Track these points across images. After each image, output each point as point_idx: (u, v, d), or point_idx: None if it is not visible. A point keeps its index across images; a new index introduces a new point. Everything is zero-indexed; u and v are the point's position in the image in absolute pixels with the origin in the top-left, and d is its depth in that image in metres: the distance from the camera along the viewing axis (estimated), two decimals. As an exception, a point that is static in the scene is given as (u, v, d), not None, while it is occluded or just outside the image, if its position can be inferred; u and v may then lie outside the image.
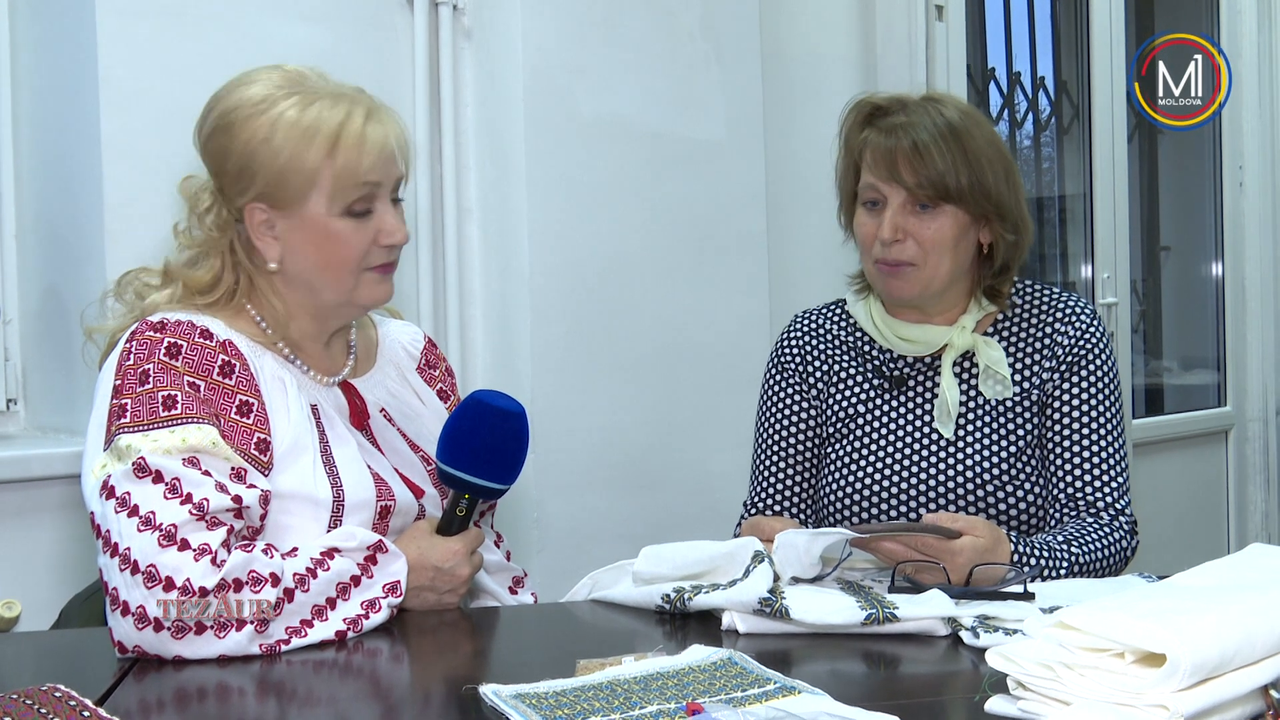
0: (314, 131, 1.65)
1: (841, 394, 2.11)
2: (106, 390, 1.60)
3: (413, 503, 1.74)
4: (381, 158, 1.68)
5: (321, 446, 1.67)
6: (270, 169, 1.66)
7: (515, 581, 1.95)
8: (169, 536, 1.48)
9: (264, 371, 1.68)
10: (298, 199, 1.67)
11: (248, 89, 1.69)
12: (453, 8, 2.77)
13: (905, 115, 2.01)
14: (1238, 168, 4.89)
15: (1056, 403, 2.04)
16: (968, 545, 1.76)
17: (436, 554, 1.68)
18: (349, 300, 1.74)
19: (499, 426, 1.69)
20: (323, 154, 1.65)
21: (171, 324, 1.63)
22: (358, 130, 1.66)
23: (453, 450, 1.69)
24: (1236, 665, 1.11)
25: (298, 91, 1.67)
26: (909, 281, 2.02)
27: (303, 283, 1.72)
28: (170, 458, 1.53)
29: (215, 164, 1.70)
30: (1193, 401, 4.98)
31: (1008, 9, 4.42)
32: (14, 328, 2.54)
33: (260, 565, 1.52)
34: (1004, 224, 2.02)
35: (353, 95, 1.70)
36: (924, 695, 1.38)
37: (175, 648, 1.47)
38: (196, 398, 1.58)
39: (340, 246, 1.69)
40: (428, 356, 1.94)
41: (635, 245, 2.88)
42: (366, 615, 1.59)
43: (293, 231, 1.69)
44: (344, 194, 1.67)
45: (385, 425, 1.80)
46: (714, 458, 2.95)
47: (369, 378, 1.83)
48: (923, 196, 1.98)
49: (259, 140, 1.66)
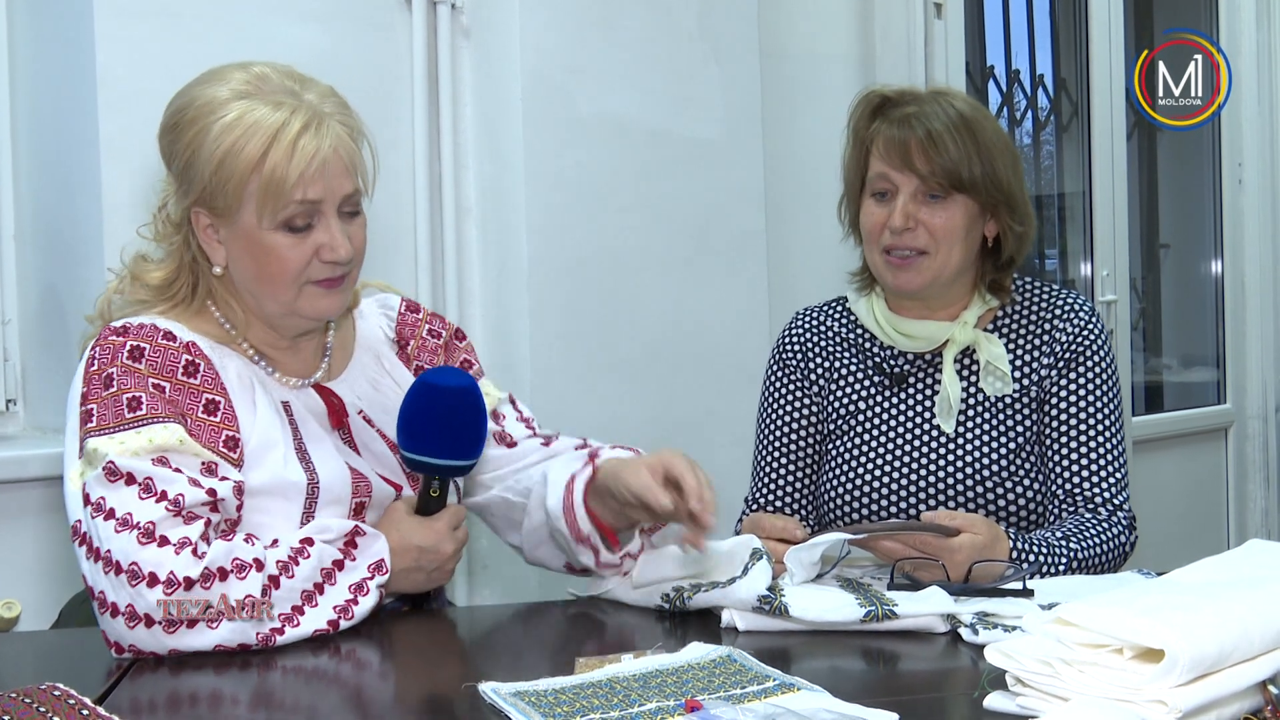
0: (245, 141, 1.58)
1: (842, 391, 2.12)
2: (76, 398, 1.60)
3: (389, 495, 1.72)
4: (316, 173, 1.60)
5: (296, 442, 1.66)
6: (204, 176, 1.61)
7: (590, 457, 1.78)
8: (147, 534, 1.48)
9: (229, 371, 1.66)
10: (231, 209, 1.61)
11: (204, 89, 1.63)
12: (451, 7, 2.77)
13: (917, 106, 2.02)
14: (1237, 165, 4.89)
15: (1054, 399, 2.04)
16: (966, 543, 1.76)
17: (418, 535, 1.67)
18: (291, 312, 1.68)
19: (452, 404, 1.66)
20: (249, 166, 1.59)
21: (134, 328, 1.62)
22: (288, 143, 1.58)
23: (411, 435, 1.67)
24: (1234, 661, 1.11)
25: (248, 95, 1.61)
26: (919, 272, 2.02)
27: (246, 290, 1.68)
28: (139, 459, 1.52)
29: (166, 161, 1.67)
30: (1192, 399, 4.97)
31: (1007, 7, 4.42)
32: (13, 328, 2.54)
33: (243, 552, 1.52)
34: (1013, 215, 2.03)
35: (300, 102, 1.61)
36: (923, 692, 1.38)
37: (169, 642, 1.47)
38: (162, 398, 1.57)
39: (274, 261, 1.63)
40: (400, 332, 1.86)
41: (634, 244, 2.88)
42: (355, 600, 1.58)
43: (232, 240, 1.65)
44: (274, 209, 1.60)
45: (363, 426, 1.76)
46: (713, 455, 2.92)
47: (344, 378, 1.78)
48: (934, 186, 1.99)
49: (197, 144, 1.61)
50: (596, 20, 2.83)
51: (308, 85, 1.65)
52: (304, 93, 1.64)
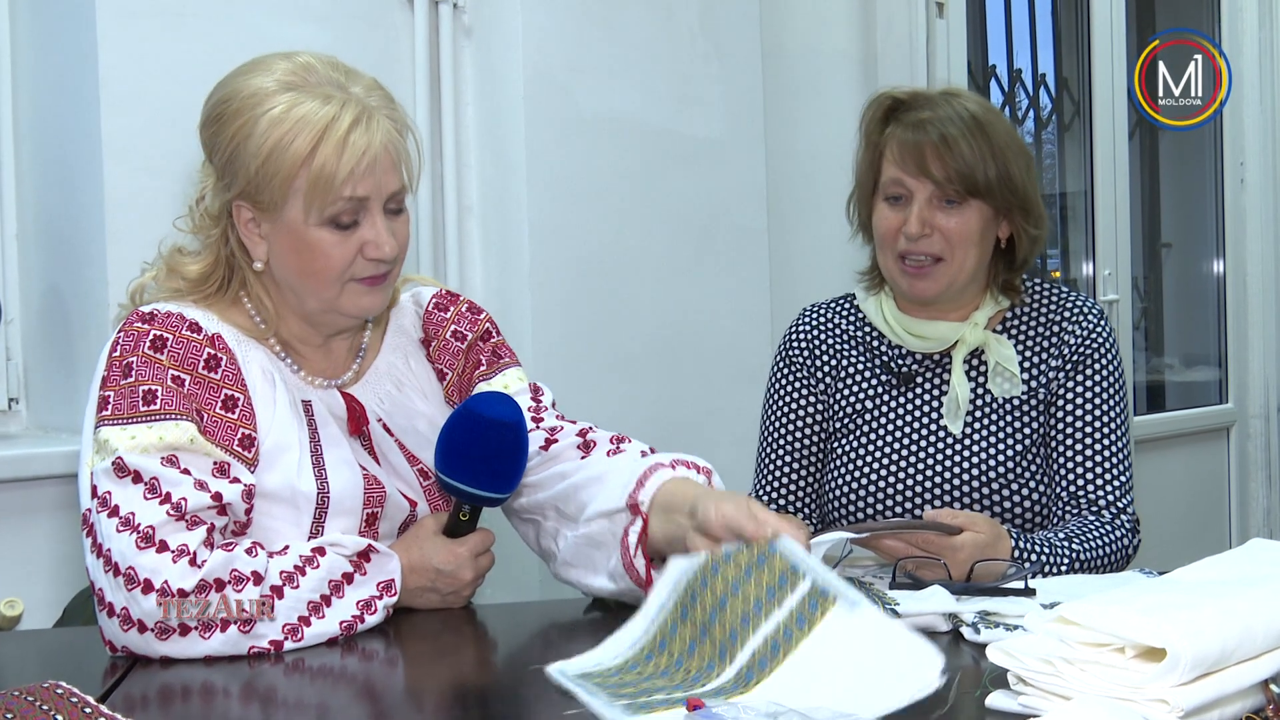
0: (293, 136, 1.55)
1: (849, 389, 2.11)
2: (97, 381, 1.59)
3: (404, 509, 1.70)
4: (365, 170, 1.57)
5: (312, 446, 1.64)
6: (249, 170, 1.58)
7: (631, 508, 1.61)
8: (147, 538, 1.47)
9: (252, 365, 1.64)
10: (276, 204, 1.59)
11: (249, 79, 1.60)
12: (453, 6, 2.77)
13: (929, 109, 2.00)
14: (1239, 164, 4.89)
15: (1061, 400, 2.04)
16: (969, 541, 1.76)
17: (439, 557, 1.65)
18: (333, 309, 1.65)
19: (494, 437, 1.62)
20: (298, 162, 1.56)
21: (160, 316, 1.60)
22: (338, 138, 1.55)
23: (449, 461, 1.64)
24: (1237, 660, 1.11)
25: (295, 88, 1.57)
26: (935, 280, 2.02)
27: (287, 286, 1.66)
28: (148, 456, 1.51)
29: (207, 154, 1.64)
30: (1194, 398, 4.97)
31: (1008, 6, 4.42)
32: (15, 327, 2.54)
33: (241, 564, 1.51)
34: (1028, 217, 2.02)
35: (349, 96, 1.58)
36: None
37: (160, 648, 1.47)
38: (179, 392, 1.56)
39: (319, 257, 1.60)
40: (425, 330, 1.82)
41: (636, 242, 2.88)
42: (362, 617, 1.57)
43: (276, 235, 1.62)
44: (321, 206, 1.57)
45: (383, 435, 1.73)
46: (716, 453, 2.92)
47: (370, 382, 1.75)
48: (950, 191, 1.97)
49: (242, 137, 1.58)
50: (598, 19, 2.83)
51: (353, 77, 1.62)
52: (350, 85, 1.60)
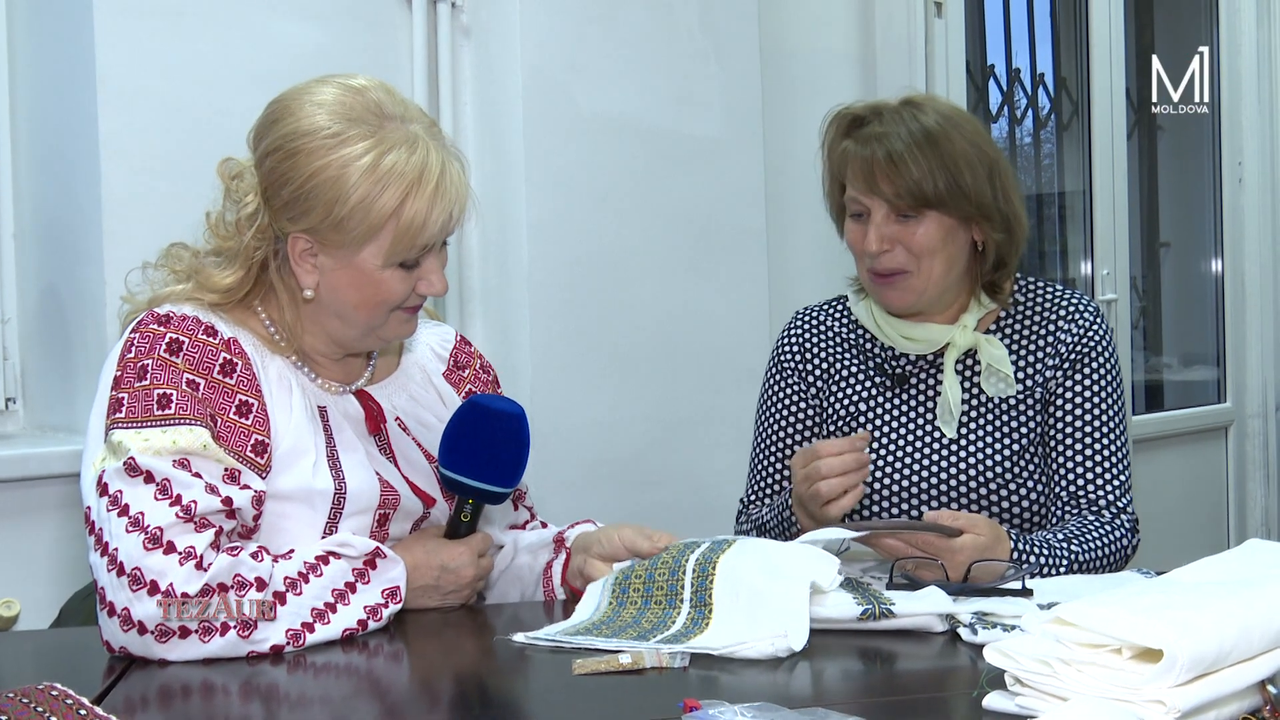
0: (382, 189, 1.58)
1: (843, 391, 2.11)
2: (108, 380, 1.59)
3: (417, 508, 1.72)
4: (447, 220, 1.63)
5: (328, 449, 1.65)
6: (330, 212, 1.59)
7: (556, 542, 1.89)
8: (155, 539, 1.48)
9: (269, 370, 1.66)
10: (351, 246, 1.61)
11: (316, 115, 1.60)
12: (451, 5, 2.76)
13: (880, 125, 1.99)
14: (1237, 164, 4.89)
15: (1059, 400, 2.04)
16: (968, 543, 1.75)
17: (444, 555, 1.68)
18: (373, 334, 1.70)
19: (498, 430, 1.67)
20: (386, 214, 1.59)
21: (177, 318, 1.61)
22: (429, 194, 1.59)
23: (453, 454, 1.67)
24: (1234, 660, 1.11)
25: (370, 131, 1.59)
26: (904, 291, 2.02)
27: (332, 313, 1.67)
28: (161, 458, 1.52)
29: (268, 183, 1.63)
30: (1192, 398, 4.98)
31: (1007, 5, 4.42)
32: (13, 327, 2.54)
33: (246, 570, 1.52)
34: (990, 224, 2.01)
35: (419, 140, 1.61)
36: (922, 691, 1.38)
37: (159, 651, 1.47)
38: (194, 397, 1.57)
39: (380, 291, 1.64)
40: (457, 357, 1.88)
41: (634, 242, 2.88)
42: (366, 623, 1.58)
43: (336, 270, 1.64)
44: (400, 252, 1.62)
45: (400, 434, 1.76)
46: (713, 455, 2.95)
47: (387, 384, 1.79)
48: (903, 206, 1.97)
49: (325, 179, 1.58)
50: (596, 18, 2.82)
51: (409, 112, 1.64)
52: (409, 121, 1.63)
